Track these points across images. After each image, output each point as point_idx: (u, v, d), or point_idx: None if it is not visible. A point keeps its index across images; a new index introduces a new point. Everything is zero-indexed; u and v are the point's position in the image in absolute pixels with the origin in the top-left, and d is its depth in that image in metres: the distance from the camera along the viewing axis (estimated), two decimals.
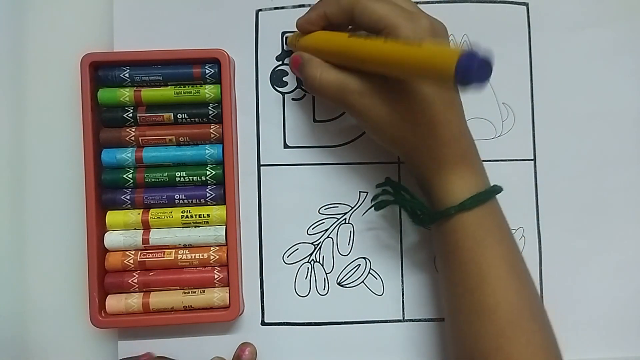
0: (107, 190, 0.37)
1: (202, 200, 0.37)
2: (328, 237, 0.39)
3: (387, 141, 0.34)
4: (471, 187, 0.32)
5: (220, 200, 0.37)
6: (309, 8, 0.39)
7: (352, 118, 0.36)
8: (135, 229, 0.37)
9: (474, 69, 0.24)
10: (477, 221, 0.32)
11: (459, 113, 0.33)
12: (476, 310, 0.31)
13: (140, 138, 0.37)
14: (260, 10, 0.40)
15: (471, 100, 0.40)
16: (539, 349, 0.30)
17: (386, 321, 0.39)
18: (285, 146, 0.40)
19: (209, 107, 0.38)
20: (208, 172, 0.37)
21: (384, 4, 0.31)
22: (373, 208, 0.38)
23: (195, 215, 0.37)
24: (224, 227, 0.37)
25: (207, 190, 0.37)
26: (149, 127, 0.38)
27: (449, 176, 0.32)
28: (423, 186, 0.34)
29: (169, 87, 0.38)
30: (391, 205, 0.39)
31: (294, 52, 0.37)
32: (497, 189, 0.33)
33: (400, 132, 0.32)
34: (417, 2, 0.39)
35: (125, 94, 0.37)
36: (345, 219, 0.39)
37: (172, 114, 0.37)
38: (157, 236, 0.37)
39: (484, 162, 0.34)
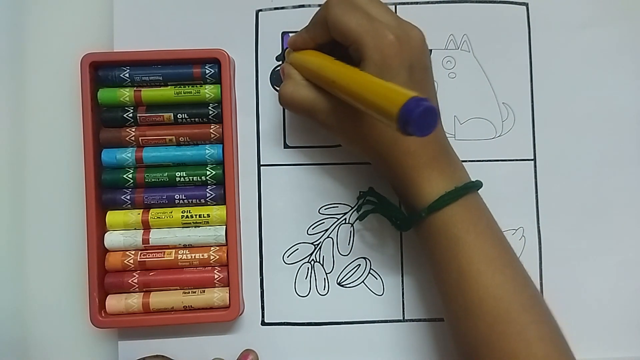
0: (107, 190, 0.37)
1: (202, 200, 0.37)
2: (328, 237, 0.39)
3: (356, 152, 0.35)
4: (439, 187, 0.32)
5: (220, 200, 0.37)
6: (308, 8, 0.39)
7: None
8: (135, 229, 0.37)
9: (415, 116, 0.23)
10: (450, 220, 0.32)
11: None
12: (463, 308, 0.31)
13: (140, 138, 0.37)
14: (260, 10, 0.40)
15: (471, 100, 0.40)
16: (535, 341, 0.29)
17: (386, 321, 0.39)
18: (285, 146, 0.40)
19: (209, 107, 0.38)
20: (208, 172, 0.37)
21: (354, 16, 0.31)
22: (358, 219, 0.39)
23: (195, 215, 0.37)
24: (224, 227, 0.37)
25: (207, 190, 0.37)
26: (149, 127, 0.38)
27: (416, 181, 0.32)
28: (397, 193, 0.35)
29: (169, 87, 0.38)
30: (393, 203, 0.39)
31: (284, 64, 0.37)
32: (470, 185, 0.33)
33: (367, 146, 0.33)
34: (417, 3, 0.40)
35: (125, 94, 0.37)
36: (345, 219, 0.39)
37: (172, 114, 0.37)
38: (157, 236, 0.37)
39: (484, 162, 0.34)
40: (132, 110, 0.37)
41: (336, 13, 0.31)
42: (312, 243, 0.39)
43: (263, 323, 0.39)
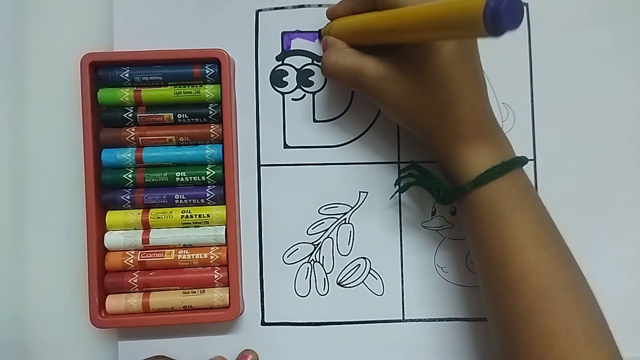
0: (107, 190, 0.37)
1: (202, 200, 0.37)
2: (328, 237, 0.39)
3: (403, 122, 0.35)
4: (486, 161, 0.32)
5: (220, 200, 0.37)
6: (309, 8, 0.39)
7: (360, 108, 0.37)
8: (135, 229, 0.37)
9: (502, 9, 0.23)
10: (495, 194, 0.31)
11: (478, 91, 0.33)
12: (504, 284, 0.31)
13: (140, 138, 0.37)
14: (260, 10, 0.40)
15: None
16: (575, 319, 0.29)
17: (386, 321, 0.39)
18: (285, 146, 0.40)
19: (209, 107, 0.38)
20: (208, 172, 0.37)
21: None
22: (398, 192, 0.39)
23: (195, 215, 0.37)
24: (224, 227, 0.37)
25: (207, 190, 0.37)
26: (149, 127, 0.38)
27: (463, 153, 0.32)
28: (441, 166, 0.35)
29: (169, 87, 0.38)
30: (393, 203, 0.39)
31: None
32: (518, 160, 0.33)
33: (415, 113, 0.33)
34: None
35: (125, 94, 0.37)
36: (345, 219, 0.39)
37: (172, 114, 0.37)
38: (157, 236, 0.37)
39: None
40: (132, 110, 0.37)
41: None
42: (312, 243, 0.39)
43: (263, 323, 0.39)
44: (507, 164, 0.32)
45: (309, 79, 0.40)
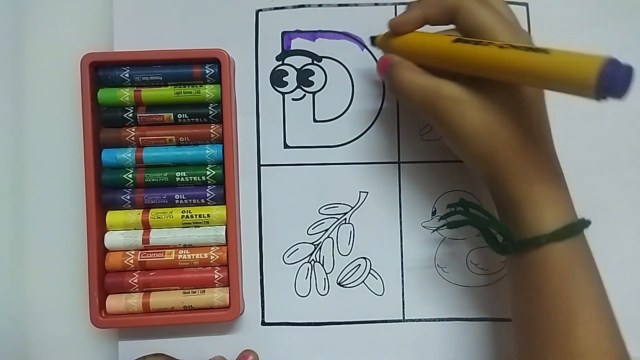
0: (107, 190, 0.37)
1: (202, 200, 0.37)
2: (328, 237, 0.39)
3: (473, 155, 0.31)
4: (564, 215, 0.29)
5: (220, 200, 0.38)
6: (308, 8, 0.39)
7: (436, 128, 0.33)
8: (135, 229, 0.37)
9: (619, 78, 0.22)
10: (569, 255, 0.29)
11: (550, 133, 0.31)
12: (563, 353, 0.28)
13: (140, 138, 0.37)
14: (260, 10, 0.40)
15: None
16: None
17: (386, 321, 0.39)
18: (285, 146, 0.40)
19: (209, 107, 0.38)
20: (208, 172, 0.37)
21: (489, 11, 0.30)
22: (446, 226, 0.35)
23: (196, 215, 0.37)
24: (224, 227, 0.37)
25: (207, 190, 0.37)
26: (149, 127, 0.38)
27: (540, 200, 0.29)
28: (506, 209, 0.31)
29: (169, 87, 0.38)
30: (393, 203, 0.39)
31: (383, 55, 0.35)
32: (587, 222, 0.30)
33: (490, 146, 0.30)
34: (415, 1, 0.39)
35: (125, 94, 0.37)
36: (345, 219, 0.39)
37: (172, 114, 0.37)
38: (157, 236, 0.37)
39: None
40: (132, 110, 0.37)
41: (472, 6, 0.30)
42: (312, 243, 0.39)
43: (263, 323, 0.39)
44: (581, 224, 0.29)
45: (309, 79, 0.40)
